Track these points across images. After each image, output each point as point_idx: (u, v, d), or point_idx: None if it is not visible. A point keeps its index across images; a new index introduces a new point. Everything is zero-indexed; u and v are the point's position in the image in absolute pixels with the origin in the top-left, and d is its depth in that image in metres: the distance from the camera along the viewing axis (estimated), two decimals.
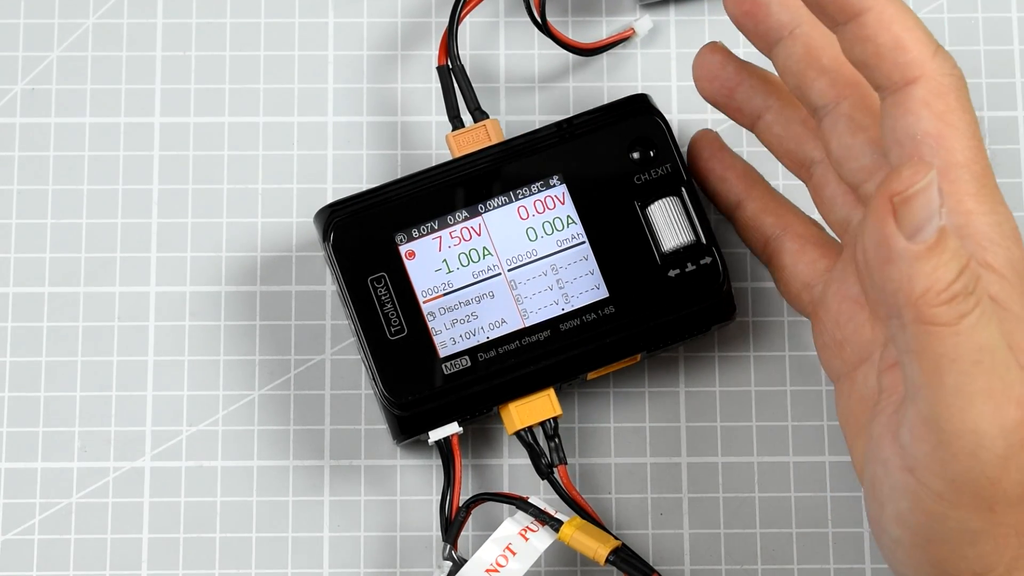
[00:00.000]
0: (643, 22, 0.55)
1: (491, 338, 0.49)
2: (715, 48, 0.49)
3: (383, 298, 0.50)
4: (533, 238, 0.50)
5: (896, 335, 0.40)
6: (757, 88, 0.49)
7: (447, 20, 0.52)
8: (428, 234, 0.50)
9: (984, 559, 0.42)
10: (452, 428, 0.49)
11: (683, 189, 0.50)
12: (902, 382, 0.42)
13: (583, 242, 0.50)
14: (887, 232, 0.39)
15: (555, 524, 0.48)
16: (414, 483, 0.52)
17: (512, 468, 0.53)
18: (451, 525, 0.49)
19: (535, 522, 0.49)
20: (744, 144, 0.54)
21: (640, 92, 0.52)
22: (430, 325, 0.49)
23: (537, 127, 0.51)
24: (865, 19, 0.43)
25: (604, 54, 0.55)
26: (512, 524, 0.49)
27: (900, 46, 0.42)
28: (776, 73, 0.47)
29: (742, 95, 0.49)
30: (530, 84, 0.55)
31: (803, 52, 0.46)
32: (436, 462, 0.52)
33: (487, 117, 0.52)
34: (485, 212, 0.50)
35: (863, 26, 0.43)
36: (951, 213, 0.42)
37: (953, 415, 0.40)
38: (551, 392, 0.50)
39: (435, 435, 0.49)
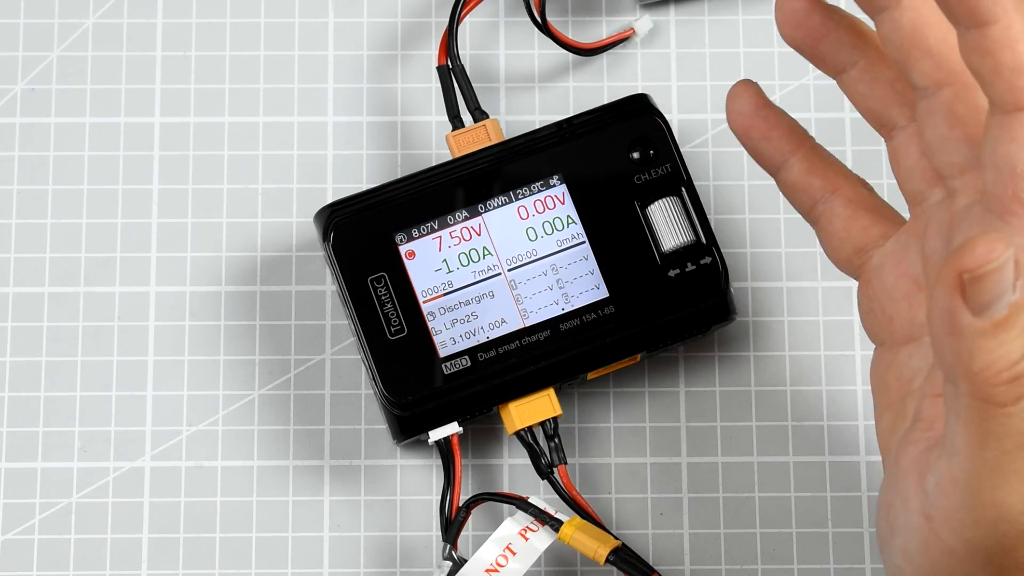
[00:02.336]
0: (643, 22, 0.55)
1: (491, 338, 0.49)
2: None
3: (383, 298, 0.50)
4: (533, 238, 0.50)
5: (948, 396, 0.39)
6: (845, 40, 0.45)
7: (447, 20, 0.52)
8: (428, 234, 0.50)
9: None
10: (452, 428, 0.49)
11: (683, 189, 0.50)
12: (942, 426, 0.40)
13: (583, 242, 0.50)
14: (953, 306, 0.37)
15: (555, 524, 0.48)
16: (414, 483, 0.52)
17: (512, 468, 0.53)
18: (451, 525, 0.49)
19: (535, 522, 0.49)
20: None
21: (640, 92, 0.52)
22: (430, 325, 0.49)
23: (537, 127, 0.51)
24: (990, 31, 0.39)
25: (604, 54, 0.55)
26: (512, 524, 0.49)
27: (1021, 69, 0.39)
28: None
29: (828, 46, 0.45)
30: (530, 84, 0.55)
31: (910, 27, 0.42)
32: (436, 462, 0.52)
33: (487, 117, 0.52)
34: (485, 212, 0.50)
35: (986, 38, 0.39)
36: None
37: (984, 487, 0.39)
38: (551, 392, 0.50)
39: (435, 435, 0.49)
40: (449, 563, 0.49)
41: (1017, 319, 0.37)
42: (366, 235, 0.50)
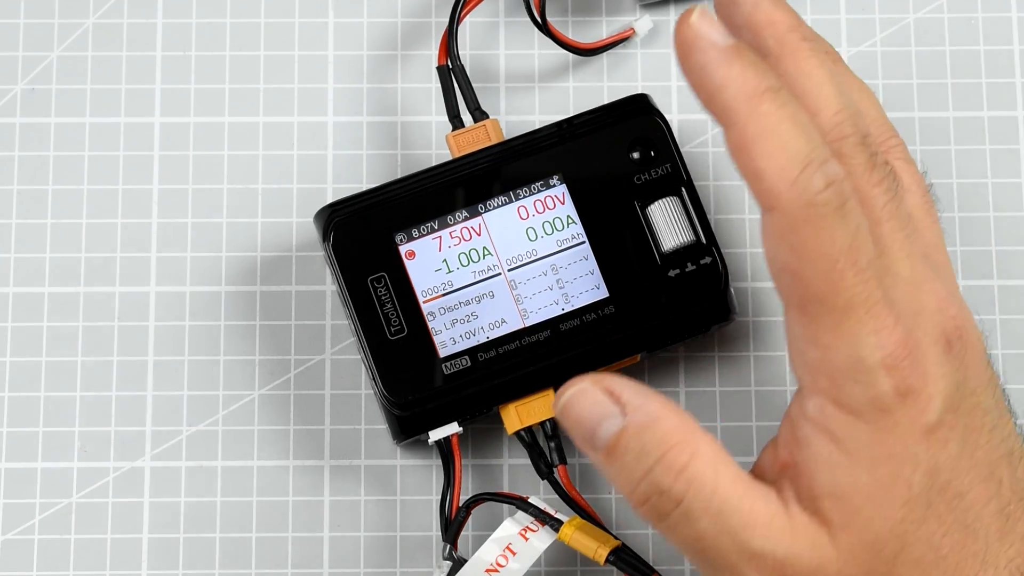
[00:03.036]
0: (643, 22, 0.55)
1: (491, 338, 0.49)
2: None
3: (383, 298, 0.50)
4: (533, 238, 0.50)
5: None
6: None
7: (447, 20, 0.52)
8: (428, 234, 0.50)
9: None
10: (452, 428, 0.49)
11: (683, 189, 0.50)
12: None
13: (583, 242, 0.50)
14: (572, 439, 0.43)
15: (555, 524, 0.48)
16: (414, 483, 0.52)
17: (512, 468, 0.53)
18: (451, 525, 0.49)
19: (535, 522, 0.49)
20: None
21: (640, 92, 0.52)
22: (430, 325, 0.49)
23: (537, 127, 0.51)
24: (730, 136, 0.41)
25: (604, 54, 0.55)
26: (512, 524, 0.49)
27: (755, 174, 0.40)
28: None
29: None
30: (530, 84, 0.55)
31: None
32: (436, 462, 0.52)
33: (487, 117, 0.52)
34: (485, 212, 0.50)
35: (729, 143, 0.41)
36: (812, 347, 0.41)
37: None
38: (551, 392, 0.50)
39: (435, 435, 0.49)
40: (449, 563, 0.49)
41: (625, 443, 0.41)
42: (366, 235, 0.50)
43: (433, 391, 0.49)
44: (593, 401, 0.42)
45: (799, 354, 0.42)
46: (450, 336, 0.49)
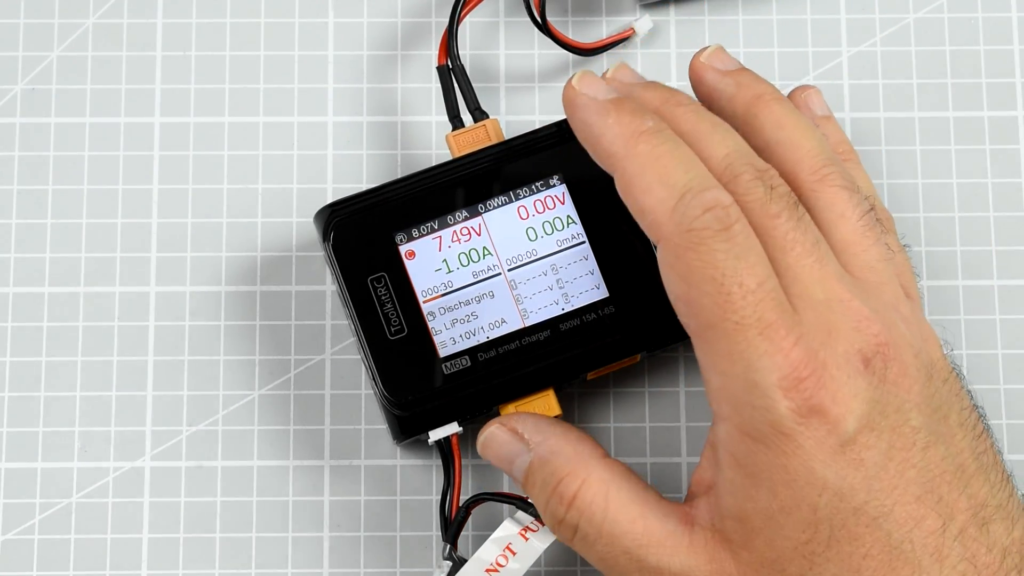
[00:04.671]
0: (643, 22, 0.55)
1: (491, 338, 0.49)
2: None
3: (383, 298, 0.50)
4: (533, 238, 0.50)
5: None
6: None
7: (447, 20, 0.52)
8: (428, 234, 0.50)
9: None
10: (452, 428, 0.49)
11: None
12: None
13: (583, 242, 0.50)
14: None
15: None
16: (414, 483, 0.52)
17: None
18: (451, 525, 0.49)
19: (535, 522, 0.49)
20: None
21: None
22: (430, 325, 0.49)
23: (537, 127, 0.51)
24: (617, 180, 0.44)
25: (604, 54, 0.55)
26: (512, 524, 0.49)
27: (640, 211, 0.43)
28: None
29: None
30: (530, 84, 0.55)
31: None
32: (436, 462, 0.52)
33: (487, 117, 0.52)
34: (485, 212, 0.50)
35: (617, 186, 0.44)
36: (713, 374, 0.42)
37: None
38: (551, 392, 0.50)
39: (435, 435, 0.49)
40: (449, 563, 0.49)
41: (532, 476, 0.46)
42: (366, 235, 0.50)
43: (433, 391, 0.49)
44: (501, 442, 0.47)
45: (706, 383, 0.43)
46: (450, 336, 0.49)
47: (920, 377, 0.43)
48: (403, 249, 0.50)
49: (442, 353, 0.49)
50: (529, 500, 0.49)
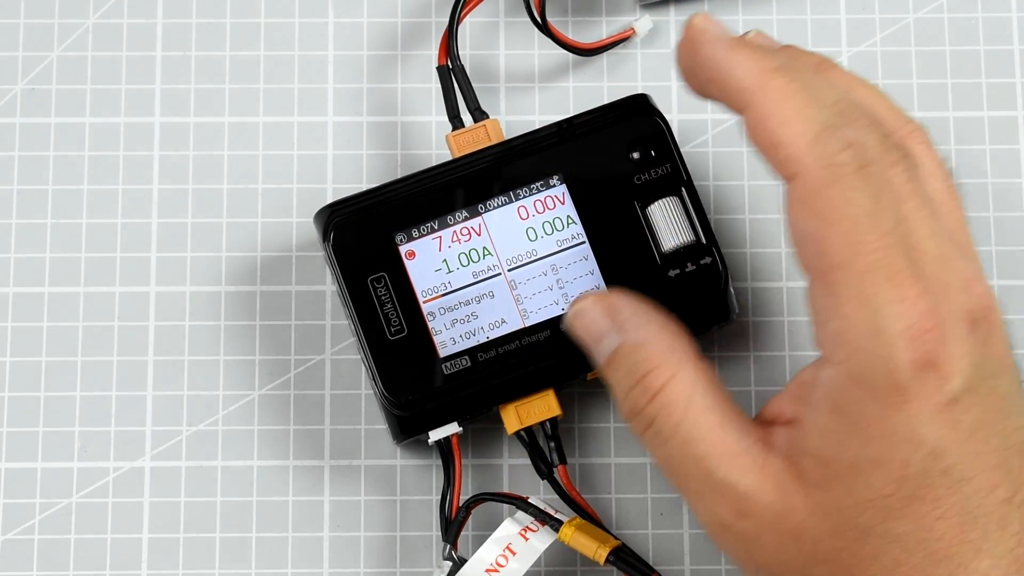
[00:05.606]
0: (643, 22, 0.55)
1: (491, 338, 0.49)
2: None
3: (383, 298, 0.50)
4: (533, 238, 0.50)
5: None
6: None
7: (447, 20, 0.52)
8: (428, 234, 0.50)
9: None
10: (452, 428, 0.49)
11: (683, 189, 0.50)
12: None
13: (583, 242, 0.50)
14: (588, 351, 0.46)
15: (555, 524, 0.48)
16: (414, 483, 0.52)
17: (512, 468, 0.53)
18: (451, 525, 0.49)
19: (535, 522, 0.49)
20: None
21: (640, 92, 0.52)
22: (430, 325, 0.49)
23: (537, 127, 0.51)
24: (747, 117, 0.42)
25: (604, 54, 0.55)
26: (512, 524, 0.49)
27: (775, 144, 0.41)
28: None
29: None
30: (530, 84, 0.55)
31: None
32: (436, 462, 0.52)
33: (487, 117, 0.52)
34: (485, 212, 0.50)
35: (747, 124, 0.42)
36: (833, 318, 0.41)
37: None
38: (551, 392, 0.50)
39: (435, 435, 0.49)
40: (449, 563, 0.49)
41: (618, 361, 0.44)
42: (366, 235, 0.50)
43: (433, 391, 0.49)
44: (592, 319, 0.45)
45: (821, 326, 0.42)
46: (450, 336, 0.49)
47: (1007, 344, 0.43)
48: (403, 249, 0.50)
49: (442, 353, 0.49)
50: (530, 500, 0.49)
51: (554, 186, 0.50)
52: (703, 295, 0.50)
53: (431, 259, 0.50)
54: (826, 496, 0.41)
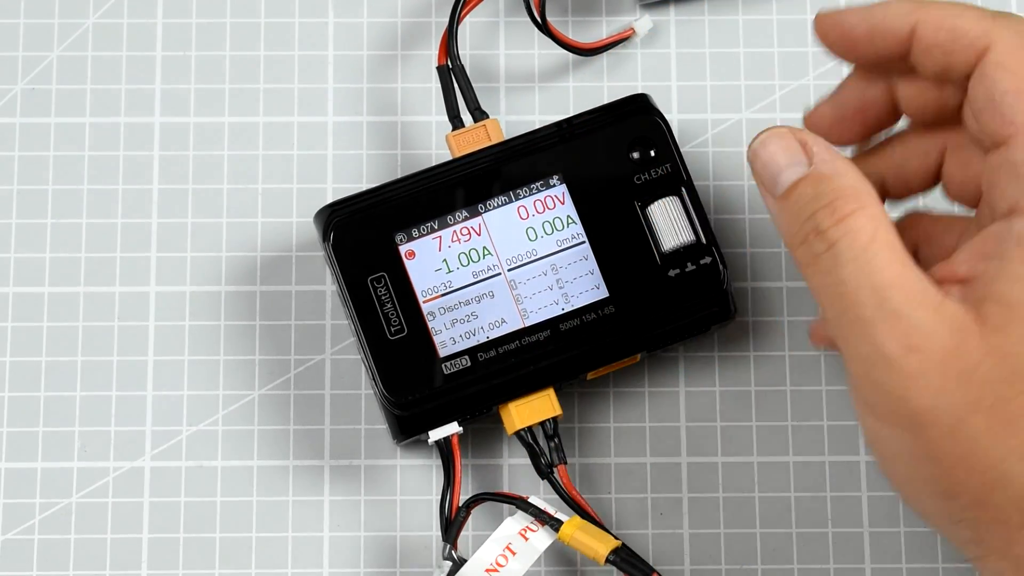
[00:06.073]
0: (643, 22, 0.55)
1: (491, 338, 0.49)
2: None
3: (383, 298, 0.50)
4: (533, 238, 0.50)
5: None
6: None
7: (447, 20, 0.52)
8: (428, 234, 0.50)
9: None
10: (452, 428, 0.49)
11: (683, 189, 0.50)
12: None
13: (583, 242, 0.50)
14: (757, 184, 0.45)
15: (555, 524, 0.48)
16: (414, 483, 0.52)
17: (512, 468, 0.53)
18: (451, 525, 0.49)
19: (535, 522, 0.49)
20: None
21: (640, 92, 0.52)
22: (430, 325, 0.49)
23: (537, 127, 0.51)
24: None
25: (604, 54, 0.55)
26: (512, 524, 0.49)
27: (955, 31, 0.43)
28: None
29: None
30: (530, 84, 0.55)
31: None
32: (436, 462, 0.52)
33: (487, 117, 0.52)
34: (485, 212, 0.50)
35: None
36: None
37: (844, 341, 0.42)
38: (551, 392, 0.50)
39: (435, 435, 0.49)
40: (449, 563, 0.49)
41: (803, 186, 0.43)
42: (366, 235, 0.50)
43: (433, 391, 0.49)
44: (785, 147, 0.44)
45: (1017, 180, 0.42)
46: (450, 336, 0.49)
47: None
48: (403, 249, 0.50)
49: (442, 353, 0.49)
50: (530, 500, 0.49)
51: (554, 186, 0.50)
52: (703, 295, 0.50)
53: (431, 259, 0.50)
54: (1006, 340, 0.40)
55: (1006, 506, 0.40)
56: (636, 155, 0.51)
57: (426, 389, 0.49)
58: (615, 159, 0.50)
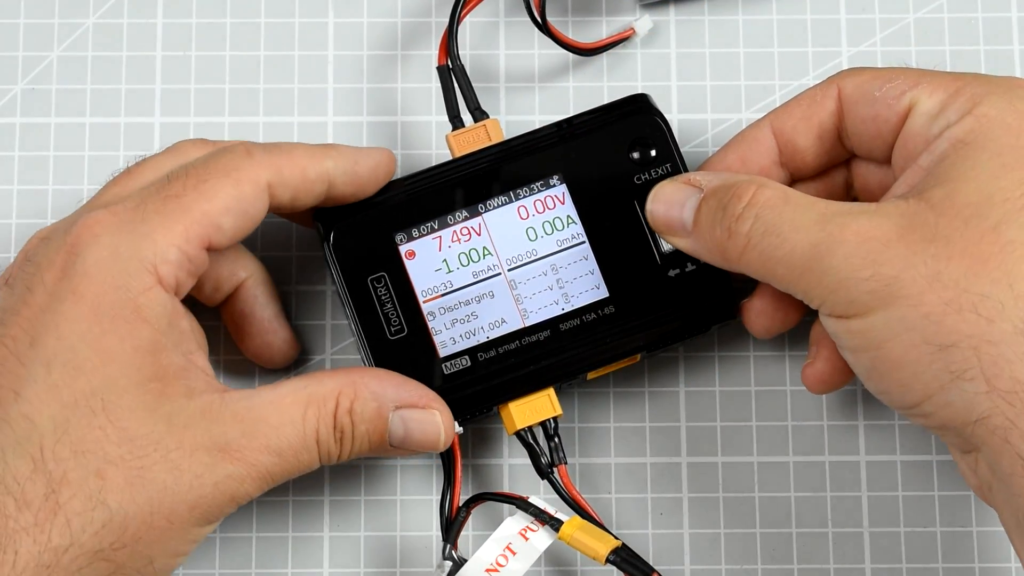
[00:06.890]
0: (643, 22, 0.55)
1: (491, 338, 0.49)
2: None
3: (383, 298, 0.50)
4: (533, 238, 0.50)
5: None
6: None
7: (447, 20, 0.52)
8: (428, 234, 0.50)
9: None
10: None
11: None
12: None
13: (583, 242, 0.50)
14: (668, 238, 0.49)
15: (555, 524, 0.48)
16: (414, 483, 0.52)
17: (512, 468, 0.53)
18: (451, 525, 0.49)
19: (535, 522, 0.49)
20: None
21: (640, 92, 0.52)
22: (430, 325, 0.49)
23: (537, 127, 0.51)
24: None
25: (604, 54, 0.55)
26: (512, 524, 0.49)
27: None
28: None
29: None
30: (530, 84, 0.55)
31: None
32: (436, 462, 0.52)
33: (487, 117, 0.52)
34: (485, 212, 0.50)
35: None
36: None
37: None
38: (551, 392, 0.50)
39: None
40: (449, 563, 0.49)
41: (705, 203, 0.47)
42: (366, 235, 0.50)
43: (433, 391, 0.49)
44: (675, 189, 0.48)
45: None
46: (450, 336, 0.49)
47: None
48: (403, 249, 0.50)
49: (442, 353, 0.49)
50: (530, 500, 0.49)
51: (554, 186, 0.50)
52: (703, 295, 0.50)
53: (431, 259, 0.50)
54: (955, 201, 0.44)
55: (1005, 338, 0.42)
56: (636, 155, 0.51)
57: None
58: (615, 159, 0.51)
